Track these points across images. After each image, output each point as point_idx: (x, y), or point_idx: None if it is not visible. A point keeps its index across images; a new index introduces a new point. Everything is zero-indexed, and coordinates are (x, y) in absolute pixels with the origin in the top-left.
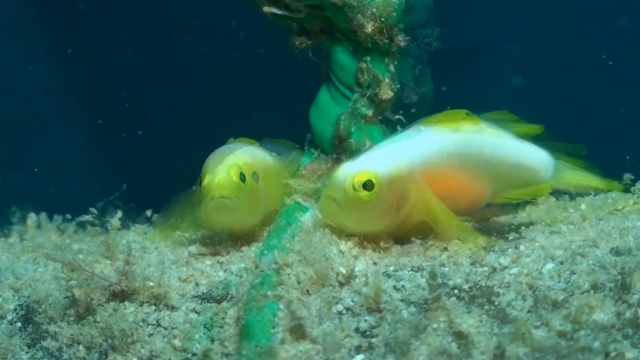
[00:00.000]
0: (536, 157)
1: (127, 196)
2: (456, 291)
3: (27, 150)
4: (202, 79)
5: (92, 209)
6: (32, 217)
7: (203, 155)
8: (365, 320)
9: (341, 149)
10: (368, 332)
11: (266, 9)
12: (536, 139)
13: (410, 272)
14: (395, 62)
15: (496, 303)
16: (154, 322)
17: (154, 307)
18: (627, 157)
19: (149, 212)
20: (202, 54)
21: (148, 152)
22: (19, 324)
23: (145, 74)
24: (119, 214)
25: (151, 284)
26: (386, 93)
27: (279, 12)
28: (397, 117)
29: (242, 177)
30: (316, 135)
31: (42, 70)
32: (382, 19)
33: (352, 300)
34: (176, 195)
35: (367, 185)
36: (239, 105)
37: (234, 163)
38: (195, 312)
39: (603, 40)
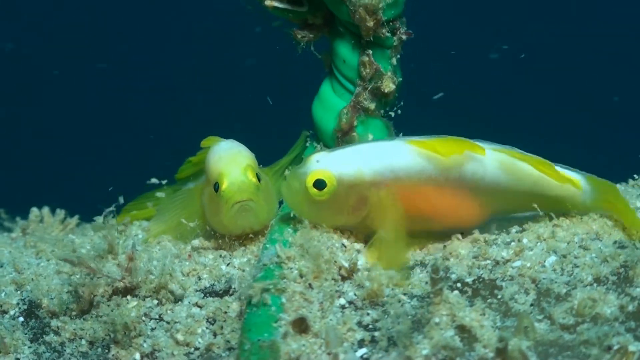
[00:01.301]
0: (557, 188)
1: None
2: (459, 284)
3: None
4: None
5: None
6: (34, 212)
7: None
8: (368, 314)
9: (344, 142)
10: (371, 326)
11: (268, 2)
12: None
13: (413, 266)
14: (398, 56)
15: (499, 296)
16: (157, 317)
17: (156, 302)
18: None
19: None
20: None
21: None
22: (21, 319)
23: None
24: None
25: (154, 278)
26: (388, 86)
27: (281, 5)
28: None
29: (258, 176)
30: (319, 128)
31: None
32: (378, 9)
33: (355, 294)
34: (173, 196)
35: (319, 186)
36: (241, 101)
37: (247, 164)
38: (198, 306)
39: None
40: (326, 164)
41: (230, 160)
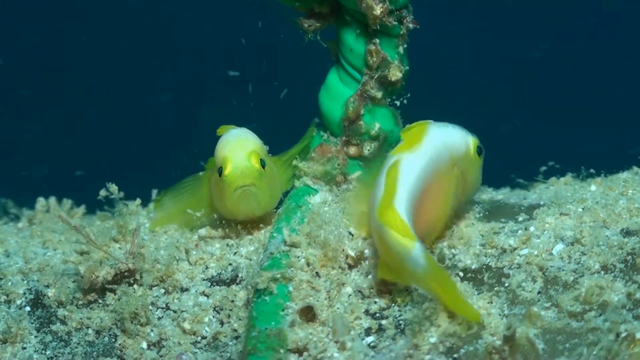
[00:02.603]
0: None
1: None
2: (467, 273)
3: None
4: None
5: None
6: (41, 201)
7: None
8: (375, 302)
9: (350, 131)
10: (378, 314)
11: None
12: None
13: None
14: (405, 45)
15: (506, 284)
16: (163, 306)
17: (163, 290)
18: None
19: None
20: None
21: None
22: (27, 308)
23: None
24: (138, 200)
25: (160, 266)
26: (395, 75)
27: None
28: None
29: (262, 162)
30: (325, 117)
31: None
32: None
33: (362, 283)
34: (182, 181)
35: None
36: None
37: (252, 150)
38: (205, 295)
39: None
40: None
41: (235, 146)
